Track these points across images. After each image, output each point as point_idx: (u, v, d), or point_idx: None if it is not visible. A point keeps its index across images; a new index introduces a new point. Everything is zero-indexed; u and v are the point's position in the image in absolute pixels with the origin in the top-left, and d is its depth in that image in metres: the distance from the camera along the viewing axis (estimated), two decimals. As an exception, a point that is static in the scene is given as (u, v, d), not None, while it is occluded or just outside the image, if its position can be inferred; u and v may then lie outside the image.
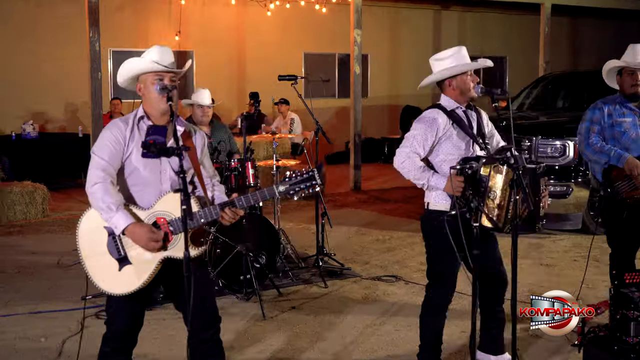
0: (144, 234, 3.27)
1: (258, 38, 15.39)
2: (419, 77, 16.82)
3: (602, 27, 19.48)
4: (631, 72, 4.85)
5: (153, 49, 3.46)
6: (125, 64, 3.49)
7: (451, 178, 3.83)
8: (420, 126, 4.12)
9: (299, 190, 3.37)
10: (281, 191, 3.36)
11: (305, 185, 3.36)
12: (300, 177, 3.37)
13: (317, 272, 6.73)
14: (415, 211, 10.20)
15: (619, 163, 4.68)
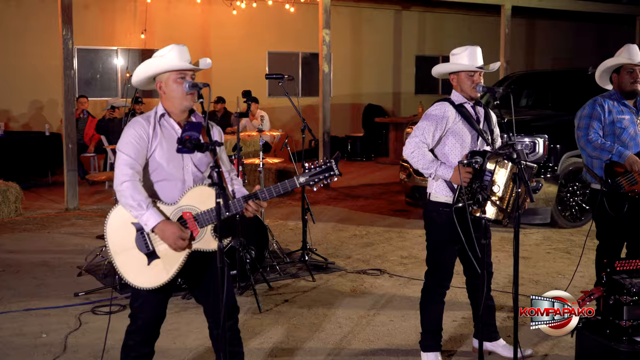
0: (174, 233, 3.37)
1: (223, 36, 15.45)
2: (381, 76, 17.43)
3: (557, 29, 20.05)
4: (631, 70, 5.04)
5: (172, 48, 3.54)
6: (145, 64, 3.57)
7: (459, 170, 4.03)
8: (430, 118, 4.33)
9: (318, 181, 3.51)
10: (302, 182, 3.51)
11: (324, 176, 3.51)
12: (320, 168, 3.51)
13: (303, 267, 6.88)
14: (386, 207, 10.45)
15: (620, 159, 4.90)
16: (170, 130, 3.56)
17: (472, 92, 4.35)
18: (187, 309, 5.64)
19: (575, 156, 8.70)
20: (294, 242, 7.97)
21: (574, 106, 9.50)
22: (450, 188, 4.28)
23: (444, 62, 4.62)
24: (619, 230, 5.15)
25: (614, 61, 5.12)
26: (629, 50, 5.08)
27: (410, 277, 6.60)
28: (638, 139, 5.03)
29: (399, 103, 18.36)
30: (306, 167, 3.54)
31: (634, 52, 5.07)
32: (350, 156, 16.36)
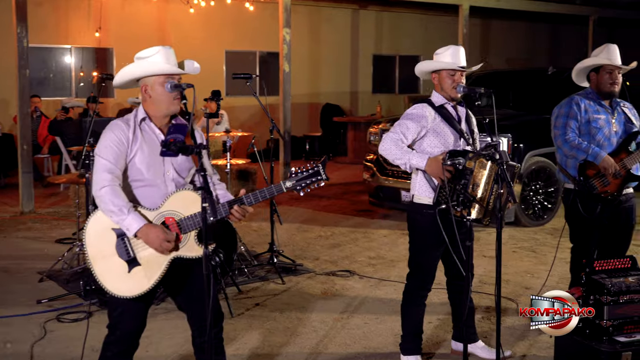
0: (158, 236, 3.26)
1: (180, 35, 15.21)
2: (339, 75, 17.35)
3: (511, 29, 20.30)
4: (610, 70, 5.06)
5: (159, 50, 3.43)
6: (132, 67, 3.45)
7: (442, 169, 3.99)
8: (409, 117, 4.30)
9: (305, 186, 3.45)
10: (288, 187, 3.42)
11: (311, 180, 3.44)
12: (307, 172, 3.44)
13: (272, 269, 6.78)
14: (349, 207, 10.41)
15: (595, 160, 4.91)
16: (151, 134, 3.44)
17: (452, 92, 4.31)
18: (157, 315, 5.48)
19: (538, 155, 8.79)
20: (259, 244, 7.86)
21: (534, 106, 9.68)
22: (433, 188, 4.23)
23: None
24: (592, 231, 5.16)
25: (593, 61, 5.11)
26: (608, 50, 5.08)
27: (380, 278, 6.56)
28: (613, 139, 5.06)
29: (357, 102, 18.36)
30: (293, 171, 3.46)
31: (614, 53, 5.08)
32: (308, 156, 16.28)
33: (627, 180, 4.99)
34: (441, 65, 4.34)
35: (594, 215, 4.99)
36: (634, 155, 4.96)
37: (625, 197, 5.02)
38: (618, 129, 5.06)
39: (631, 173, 4.98)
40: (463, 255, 4.01)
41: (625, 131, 5.08)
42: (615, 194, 4.96)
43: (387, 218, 9.49)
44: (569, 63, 20.34)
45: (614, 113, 5.10)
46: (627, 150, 4.99)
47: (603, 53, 5.06)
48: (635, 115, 5.20)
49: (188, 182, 3.59)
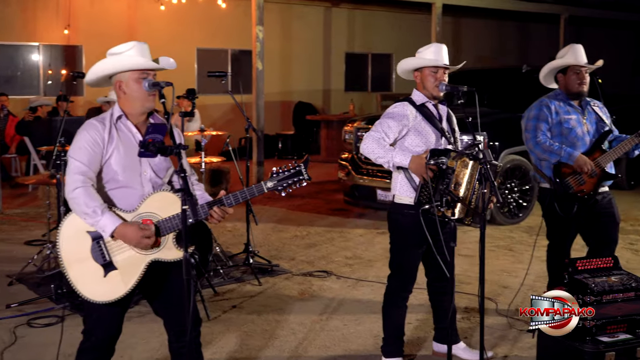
0: (135, 233, 3.15)
1: (150, 32, 14.99)
2: (311, 73, 17.24)
3: (482, 27, 20.38)
4: (577, 71, 5.03)
5: (133, 45, 3.31)
6: (105, 62, 3.33)
7: (426, 168, 3.93)
8: (390, 116, 4.23)
9: (286, 186, 3.36)
10: (270, 187, 3.34)
11: (293, 181, 3.36)
12: (288, 172, 3.36)
13: (247, 270, 6.68)
14: (324, 206, 10.33)
15: (569, 161, 4.88)
16: (128, 133, 3.33)
17: (434, 90, 4.24)
18: (131, 319, 5.34)
19: (513, 153, 8.78)
20: (234, 245, 7.75)
21: (509, 104, 9.67)
22: (414, 188, 4.17)
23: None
24: (569, 231, 5.14)
25: (560, 62, 5.10)
26: (574, 50, 5.07)
27: (358, 279, 6.49)
28: (586, 138, 5.03)
29: (329, 100, 18.29)
30: (274, 171, 3.37)
31: (579, 52, 5.07)
32: (281, 154, 16.19)
33: (603, 179, 4.97)
34: (424, 62, 4.27)
35: (570, 215, 4.96)
36: (607, 154, 4.95)
37: (601, 196, 5.01)
38: (590, 128, 5.05)
39: (606, 171, 4.97)
40: (447, 256, 3.93)
41: (597, 130, 5.07)
42: (591, 193, 4.94)
43: (363, 217, 9.42)
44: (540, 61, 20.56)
45: (585, 113, 5.08)
46: (601, 149, 4.98)
47: (569, 54, 5.04)
48: (606, 114, 5.20)
49: (166, 182, 3.48)
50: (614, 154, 4.96)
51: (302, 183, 3.36)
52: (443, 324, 4.55)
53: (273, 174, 3.35)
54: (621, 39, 23.19)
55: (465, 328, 5.18)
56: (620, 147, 4.96)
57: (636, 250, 7.51)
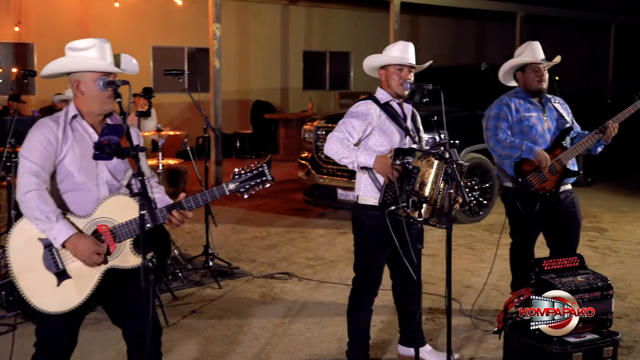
0: (88, 247, 2.99)
1: (104, 30, 14.62)
2: (269, 71, 16.99)
3: (439, 25, 20.45)
4: (536, 68, 5.00)
5: (95, 43, 3.16)
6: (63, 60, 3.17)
7: (392, 168, 3.84)
8: (354, 115, 4.13)
9: (249, 188, 3.24)
10: (232, 189, 3.21)
11: (256, 182, 3.24)
12: (250, 173, 3.23)
13: (207, 273, 6.53)
14: (284, 206, 10.20)
15: (530, 155, 4.84)
16: (83, 133, 3.17)
17: (399, 88, 4.16)
18: (86, 326, 5.12)
19: (473, 152, 8.77)
20: (192, 247, 7.58)
21: (468, 102, 9.67)
22: (379, 189, 4.07)
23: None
24: (531, 229, 5.11)
25: (518, 60, 5.05)
26: (531, 48, 5.03)
27: (320, 280, 6.38)
28: (547, 135, 5.00)
29: (287, 99, 18.16)
30: (236, 172, 3.24)
31: (537, 50, 5.03)
32: (239, 154, 16.00)
33: (564, 176, 4.94)
34: (389, 60, 4.17)
35: (532, 213, 4.93)
36: (568, 151, 4.93)
37: (564, 194, 4.98)
38: (551, 125, 5.03)
39: (567, 168, 4.94)
40: (414, 258, 3.84)
41: (558, 127, 5.05)
42: (553, 190, 4.91)
43: (323, 217, 9.32)
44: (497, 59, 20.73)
45: (545, 110, 5.06)
46: (562, 146, 4.95)
47: (526, 51, 5.00)
48: (567, 110, 5.18)
49: (124, 185, 3.33)
50: (575, 151, 4.94)
51: (265, 184, 3.24)
52: (409, 326, 4.46)
53: (235, 175, 3.22)
54: (575, 37, 23.54)
55: (431, 329, 5.12)
56: (582, 144, 4.93)
57: (596, 247, 7.55)
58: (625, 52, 23.45)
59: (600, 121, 5.15)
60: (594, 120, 5.36)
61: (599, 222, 8.80)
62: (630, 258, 7.10)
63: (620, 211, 9.53)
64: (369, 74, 4.42)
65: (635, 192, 10.99)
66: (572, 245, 5.06)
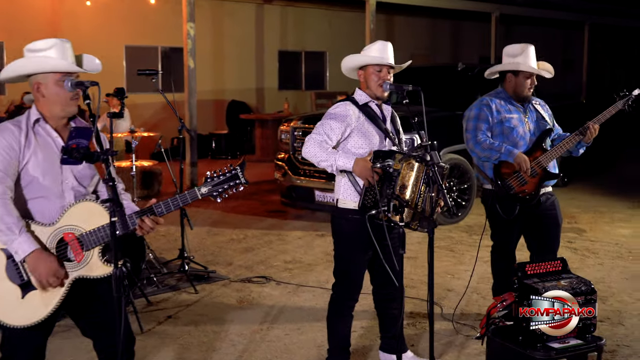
0: (49, 268, 2.86)
1: (76, 29, 14.42)
2: (244, 71, 16.74)
3: (414, 25, 20.41)
4: (529, 75, 4.90)
5: (54, 43, 3.01)
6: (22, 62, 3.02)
7: (372, 172, 3.73)
8: (332, 116, 4.02)
9: (222, 191, 3.11)
10: (204, 193, 3.08)
11: (229, 185, 3.12)
12: (223, 176, 3.11)
13: (183, 277, 6.38)
14: (260, 208, 10.06)
15: (509, 158, 4.75)
16: (46, 137, 3.02)
17: (378, 89, 4.05)
18: (55, 334, 4.90)
19: (452, 152, 8.70)
20: (168, 250, 7.43)
21: (446, 102, 9.60)
22: (358, 192, 3.96)
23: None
24: (512, 232, 5.03)
25: (515, 66, 4.92)
26: (527, 55, 4.89)
27: (298, 284, 6.26)
28: (528, 137, 4.92)
29: (263, 99, 18.00)
30: (208, 175, 3.11)
31: (533, 58, 4.93)
32: (215, 154, 15.82)
33: (544, 179, 4.87)
34: (368, 60, 4.07)
35: (512, 216, 4.85)
36: (549, 153, 4.85)
37: (545, 197, 4.91)
38: (532, 127, 4.95)
39: (548, 171, 4.87)
40: (396, 264, 3.73)
41: (539, 129, 4.97)
42: (533, 193, 4.83)
43: (301, 219, 9.20)
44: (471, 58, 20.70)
45: (526, 111, 4.98)
46: (542, 148, 4.88)
47: (522, 57, 4.88)
48: (547, 112, 5.10)
49: (91, 191, 3.18)
50: (555, 153, 4.86)
51: (239, 187, 3.12)
52: (390, 332, 4.36)
53: (207, 179, 3.09)
54: (550, 37, 23.64)
55: (412, 335, 5.02)
56: (562, 145, 4.86)
57: (575, 248, 7.50)
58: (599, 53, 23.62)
59: (576, 121, 5.09)
60: (570, 121, 5.30)
61: (578, 223, 8.77)
62: (609, 259, 7.07)
63: (598, 211, 9.52)
64: (347, 75, 4.30)
65: (612, 192, 11.00)
66: (553, 248, 4.99)
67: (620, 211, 9.55)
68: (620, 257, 7.13)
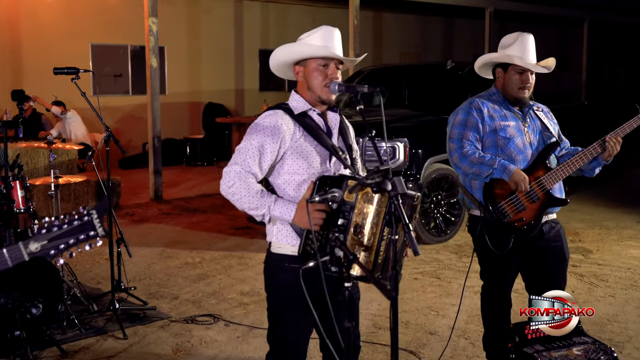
0: None
1: (36, 26, 13.37)
2: (222, 72, 15.45)
3: (404, 22, 19.38)
4: (521, 70, 3.87)
5: None
6: None
7: (307, 209, 2.67)
8: (256, 136, 2.92)
9: (64, 248, 2.07)
10: (33, 251, 2.05)
11: (77, 239, 2.08)
12: (68, 225, 2.06)
13: (113, 317, 5.32)
14: (226, 224, 9.01)
15: (503, 175, 3.71)
16: None
17: (323, 91, 2.97)
18: None
19: (439, 162, 7.66)
20: (108, 278, 6.33)
21: (433, 105, 8.57)
22: (298, 232, 2.91)
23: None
24: (507, 269, 3.97)
25: (499, 56, 3.90)
26: (522, 44, 3.85)
27: (251, 325, 5.21)
28: (527, 152, 3.87)
29: (242, 101, 16.92)
30: (46, 223, 2.07)
31: (528, 49, 3.87)
32: (189, 161, 14.76)
33: (547, 205, 3.82)
34: (308, 51, 2.98)
35: (505, 251, 3.80)
36: (554, 172, 3.79)
37: (548, 226, 3.86)
38: (532, 139, 3.90)
39: (552, 195, 3.82)
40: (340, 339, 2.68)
41: (542, 141, 3.92)
42: (532, 222, 3.78)
43: (268, 237, 8.14)
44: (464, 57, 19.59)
45: (526, 119, 3.93)
46: (546, 166, 3.82)
47: (515, 46, 3.85)
48: (552, 120, 4.05)
49: None
50: (563, 172, 3.80)
51: (93, 242, 2.07)
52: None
53: (42, 229, 2.04)
54: (546, 35, 22.60)
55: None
56: (573, 163, 3.80)
57: (581, 275, 6.45)
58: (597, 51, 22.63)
59: (578, 126, 4.05)
60: (571, 126, 4.22)
61: (582, 241, 7.73)
62: (622, 289, 6.02)
63: (604, 227, 8.47)
64: (278, 75, 3.22)
65: (617, 204, 9.95)
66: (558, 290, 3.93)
67: (629, 226, 8.51)
68: (634, 286, 6.10)
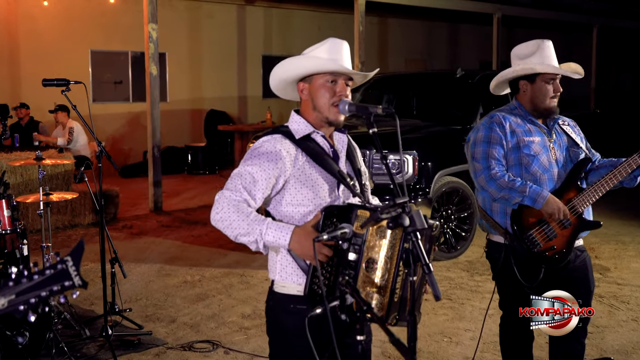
0: None
1: (35, 32, 13.08)
2: (224, 78, 15.06)
3: (409, 28, 19.07)
4: (551, 78, 3.56)
5: None
6: None
7: (314, 250, 2.35)
8: (252, 162, 2.61)
9: (37, 302, 1.75)
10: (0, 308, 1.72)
11: (50, 291, 1.76)
12: (39, 275, 1.75)
13: (106, 344, 5.01)
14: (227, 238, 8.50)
15: (536, 204, 3.40)
16: None
17: (331, 111, 2.66)
18: None
19: (449, 175, 7.34)
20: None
21: (442, 115, 8.25)
22: (304, 269, 2.60)
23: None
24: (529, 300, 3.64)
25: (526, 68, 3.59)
26: (543, 52, 3.56)
27: (252, 353, 4.90)
28: (554, 170, 3.55)
29: (245, 108, 16.62)
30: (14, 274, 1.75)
31: (551, 55, 3.59)
32: (191, 169, 14.46)
33: (579, 230, 3.52)
34: (314, 66, 2.68)
35: (536, 283, 3.48)
36: (587, 193, 3.49)
37: (574, 254, 3.54)
38: (559, 155, 3.59)
39: (584, 219, 3.51)
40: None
41: (570, 158, 3.60)
42: (563, 250, 3.48)
43: (271, 253, 7.82)
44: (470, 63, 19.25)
45: (552, 134, 3.62)
46: (578, 187, 3.51)
47: (537, 56, 3.54)
48: (579, 135, 3.74)
49: None
50: (596, 192, 3.50)
51: (69, 292, 1.76)
52: None
53: (9, 282, 1.73)
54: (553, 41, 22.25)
55: None
56: (610, 178, 3.48)
57: (601, 296, 6.12)
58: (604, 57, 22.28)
59: (591, 135, 3.77)
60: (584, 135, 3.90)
61: (599, 258, 7.40)
62: (645, 312, 5.70)
63: (620, 242, 8.14)
64: (280, 95, 2.91)
65: (632, 216, 9.61)
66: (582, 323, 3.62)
67: (646, 241, 8.19)
68: (658, 309, 5.77)
